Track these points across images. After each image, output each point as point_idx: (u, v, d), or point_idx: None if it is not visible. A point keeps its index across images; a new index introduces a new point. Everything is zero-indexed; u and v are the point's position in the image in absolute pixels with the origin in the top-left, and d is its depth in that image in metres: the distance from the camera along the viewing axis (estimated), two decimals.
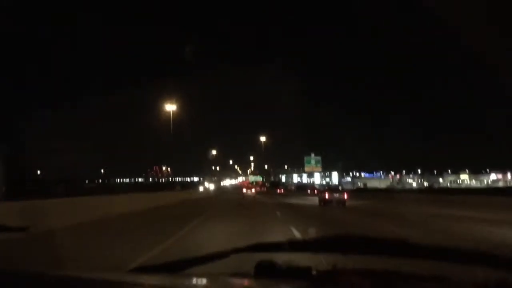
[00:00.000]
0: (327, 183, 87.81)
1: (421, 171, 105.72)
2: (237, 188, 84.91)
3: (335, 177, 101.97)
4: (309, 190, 56.84)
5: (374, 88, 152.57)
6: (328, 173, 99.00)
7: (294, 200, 34.37)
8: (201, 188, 64.39)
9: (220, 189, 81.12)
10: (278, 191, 68.26)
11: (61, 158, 59.94)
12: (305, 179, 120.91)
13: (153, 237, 9.48)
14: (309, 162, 76.08)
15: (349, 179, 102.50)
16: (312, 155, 75.64)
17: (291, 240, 1.52)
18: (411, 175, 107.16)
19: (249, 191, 52.71)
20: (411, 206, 22.60)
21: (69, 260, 5.91)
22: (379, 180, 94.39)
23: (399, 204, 24.94)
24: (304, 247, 1.59)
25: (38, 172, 71.31)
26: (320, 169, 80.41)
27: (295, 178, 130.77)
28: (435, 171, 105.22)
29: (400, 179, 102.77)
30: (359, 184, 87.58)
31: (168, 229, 10.92)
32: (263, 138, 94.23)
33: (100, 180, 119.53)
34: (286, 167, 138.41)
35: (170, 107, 43.52)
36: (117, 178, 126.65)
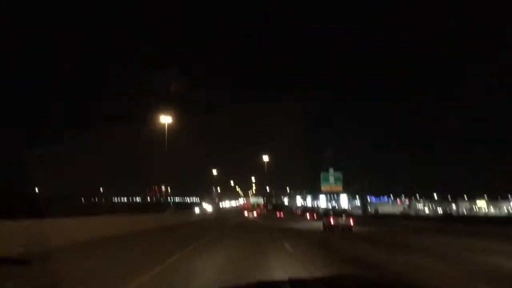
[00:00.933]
0: (333, 207, 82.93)
1: (436, 197, 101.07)
2: (238, 210, 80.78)
3: (343, 200, 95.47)
4: (307, 214, 51.42)
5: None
6: (334, 196, 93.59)
7: (298, 225, 32.15)
8: (197, 210, 60.66)
9: (219, 211, 77.51)
10: (278, 215, 63.37)
11: (61, 176, 58.43)
12: (309, 202, 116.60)
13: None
14: (327, 180, 56.35)
15: (357, 202, 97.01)
16: (331, 170, 56.60)
17: (292, 279, 1.55)
18: (421, 200, 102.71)
19: (250, 214, 49.03)
20: (433, 236, 20.37)
21: None
22: (391, 205, 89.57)
23: (419, 233, 22.57)
24: (305, 286, 1.57)
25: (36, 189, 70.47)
26: (341, 189, 59.04)
27: (299, 201, 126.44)
28: (449, 197, 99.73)
29: (410, 205, 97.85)
30: (369, 209, 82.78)
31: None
32: (265, 158, 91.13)
33: (95, 199, 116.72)
34: (288, 189, 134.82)
35: (165, 119, 40.45)
36: (116, 196, 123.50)
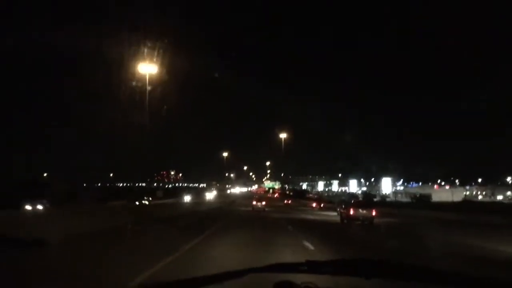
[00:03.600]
0: (366, 192, 67.70)
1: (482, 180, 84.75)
2: (248, 197, 66.55)
3: (386, 184, 77.92)
4: (314, 203, 46.95)
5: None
6: (373, 180, 78.64)
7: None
8: (186, 198, 47.27)
9: (226, 198, 64.26)
10: (285, 201, 59.80)
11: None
12: (335, 187, 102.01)
13: None
14: None
15: (400, 187, 79.64)
16: None
17: (309, 261, 1.53)
18: (468, 187, 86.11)
19: (259, 203, 37.44)
20: None
21: None
22: (444, 191, 71.91)
23: None
24: (323, 268, 1.57)
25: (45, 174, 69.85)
26: None
27: (321, 186, 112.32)
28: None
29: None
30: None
31: None
32: (283, 135, 77.20)
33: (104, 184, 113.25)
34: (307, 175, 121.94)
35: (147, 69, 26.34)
36: (125, 182, 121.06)
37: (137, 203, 31.54)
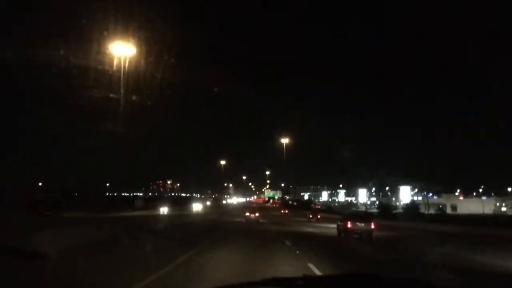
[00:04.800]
0: (382, 204, 59.49)
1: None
2: (243, 208, 58.33)
3: (404, 193, 68.91)
4: (311, 216, 43.25)
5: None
6: (387, 190, 70.74)
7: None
8: (163, 209, 39.44)
9: (217, 210, 56.57)
10: (282, 211, 58.23)
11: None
12: (342, 197, 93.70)
13: None
14: None
15: (417, 197, 70.26)
16: None
17: (306, 276, 1.57)
18: (484, 197, 77.44)
19: (252, 215, 34.48)
20: None
21: None
22: (474, 202, 62.49)
23: None
24: (320, 283, 1.61)
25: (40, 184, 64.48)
26: None
27: (325, 196, 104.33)
28: None
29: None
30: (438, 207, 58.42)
31: None
32: (285, 140, 70.04)
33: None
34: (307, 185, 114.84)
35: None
36: (122, 192, 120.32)
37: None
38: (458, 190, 71.22)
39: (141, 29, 19.86)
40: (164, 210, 39.44)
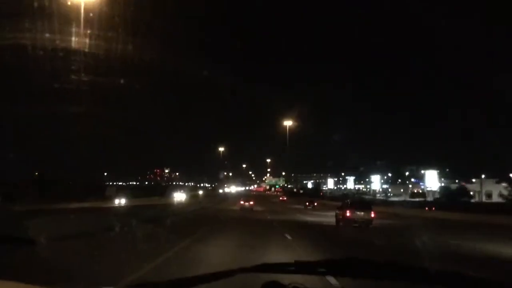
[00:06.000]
0: (415, 192, 50.99)
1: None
2: (238, 198, 50.33)
3: (431, 179, 58.90)
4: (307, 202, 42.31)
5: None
6: (412, 175, 62.34)
7: None
8: (118, 201, 32.01)
9: (209, 199, 49.23)
10: (281, 198, 58.65)
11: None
12: (351, 184, 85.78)
13: None
14: None
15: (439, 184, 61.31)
16: None
17: (298, 262, 1.55)
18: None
19: (246, 204, 32.78)
20: None
21: None
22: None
23: None
24: (311, 269, 1.62)
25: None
26: None
27: (330, 184, 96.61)
28: None
29: None
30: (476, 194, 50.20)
31: None
32: (288, 123, 61.73)
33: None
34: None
35: None
36: (119, 181, 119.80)
37: None
38: (483, 176, 63.14)
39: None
40: (120, 201, 31.82)
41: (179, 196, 43.15)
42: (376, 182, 70.89)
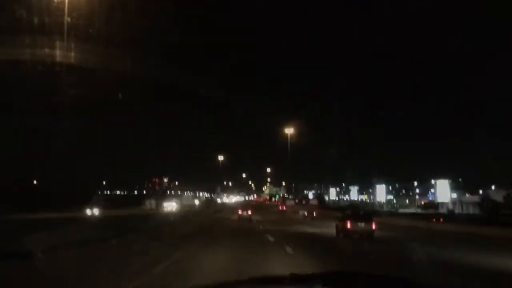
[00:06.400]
0: (425, 203, 47.83)
1: None
2: (234, 209, 46.93)
3: (443, 190, 54.79)
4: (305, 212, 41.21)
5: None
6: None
7: None
8: (89, 211, 29.33)
9: (204, 209, 46.45)
10: (280, 208, 58.13)
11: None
12: (354, 194, 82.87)
13: None
14: None
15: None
16: None
17: (293, 275, 1.62)
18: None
19: (244, 213, 32.55)
20: None
21: None
22: None
23: None
24: (306, 282, 1.63)
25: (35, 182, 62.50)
26: None
27: (332, 194, 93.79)
28: None
29: None
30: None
31: None
32: (290, 130, 58.96)
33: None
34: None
35: None
36: (118, 190, 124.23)
37: None
38: (493, 186, 60.11)
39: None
40: (94, 211, 29.06)
41: (170, 206, 40.11)
42: (381, 193, 68.02)
